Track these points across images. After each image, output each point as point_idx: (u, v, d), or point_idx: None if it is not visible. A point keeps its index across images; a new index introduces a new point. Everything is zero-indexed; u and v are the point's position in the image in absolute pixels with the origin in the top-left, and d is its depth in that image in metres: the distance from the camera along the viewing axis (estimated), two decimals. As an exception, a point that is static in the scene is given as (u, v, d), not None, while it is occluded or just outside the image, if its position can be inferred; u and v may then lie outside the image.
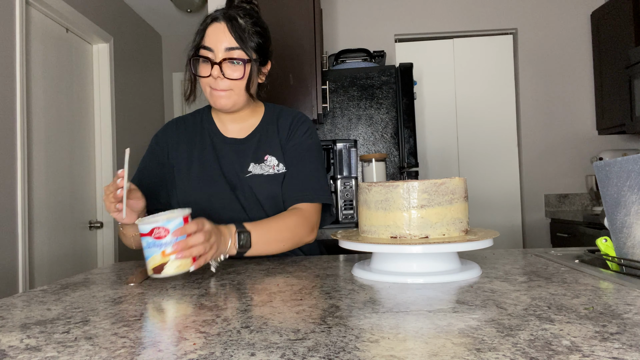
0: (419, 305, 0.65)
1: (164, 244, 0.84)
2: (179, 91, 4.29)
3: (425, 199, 0.84)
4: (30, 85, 2.37)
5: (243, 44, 1.10)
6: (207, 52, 1.11)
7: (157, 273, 0.85)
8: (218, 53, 1.10)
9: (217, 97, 1.14)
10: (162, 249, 0.84)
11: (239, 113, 1.23)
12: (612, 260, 0.90)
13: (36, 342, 0.54)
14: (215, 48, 1.10)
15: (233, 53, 1.10)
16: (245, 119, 1.25)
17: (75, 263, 2.73)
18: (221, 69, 1.10)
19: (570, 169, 3.44)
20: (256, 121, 1.26)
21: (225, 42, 1.10)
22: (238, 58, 1.10)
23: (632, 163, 0.81)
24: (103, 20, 3.04)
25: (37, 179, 2.41)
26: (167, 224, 0.84)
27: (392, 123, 2.64)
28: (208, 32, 1.11)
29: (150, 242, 0.85)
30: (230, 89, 1.13)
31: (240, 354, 0.48)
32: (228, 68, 1.11)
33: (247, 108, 1.23)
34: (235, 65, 1.11)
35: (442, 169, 3.50)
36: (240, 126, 1.25)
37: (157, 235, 0.84)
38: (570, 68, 3.46)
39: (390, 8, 3.54)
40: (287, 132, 1.23)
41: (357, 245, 0.85)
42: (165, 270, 0.84)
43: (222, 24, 1.10)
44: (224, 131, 1.25)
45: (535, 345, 0.47)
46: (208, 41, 1.11)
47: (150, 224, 0.84)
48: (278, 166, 1.20)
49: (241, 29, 1.11)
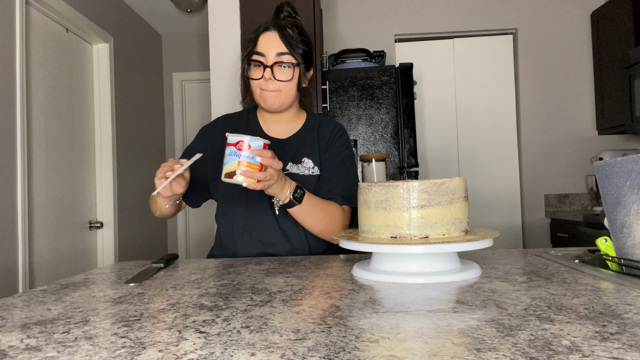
0: (419, 305, 0.65)
1: (243, 156, 1.01)
2: (179, 91, 4.29)
3: (425, 199, 0.84)
4: (30, 85, 2.37)
5: (292, 49, 1.23)
6: (259, 57, 1.23)
7: (228, 178, 1.01)
8: (269, 57, 1.22)
9: (266, 97, 1.24)
10: (239, 159, 1.01)
11: (284, 115, 1.32)
12: (612, 260, 0.90)
13: (36, 342, 0.54)
14: (267, 53, 1.22)
15: (283, 57, 1.22)
16: (288, 122, 1.34)
17: (75, 263, 2.73)
18: (272, 72, 1.21)
19: (570, 169, 3.44)
20: (298, 125, 1.35)
21: (276, 48, 1.22)
22: (287, 62, 1.22)
23: (632, 163, 0.81)
24: (103, 20, 3.04)
25: (37, 179, 2.41)
26: (252, 142, 1.01)
27: (392, 123, 2.64)
28: (261, 40, 1.24)
29: (232, 151, 1.01)
30: (279, 90, 1.24)
31: (240, 354, 0.48)
32: (278, 71, 1.22)
33: (291, 112, 1.33)
34: (285, 69, 1.23)
35: (442, 169, 3.50)
36: (283, 128, 1.34)
37: (239, 147, 1.01)
38: (570, 68, 3.47)
39: (390, 8, 3.54)
40: (327, 140, 1.33)
41: (357, 245, 0.85)
42: (236, 177, 1.01)
43: (273, 33, 1.23)
44: (267, 130, 1.34)
45: (535, 345, 0.47)
46: (260, 47, 1.23)
47: (238, 137, 1.01)
48: (313, 169, 1.30)
49: (290, 37, 1.23)
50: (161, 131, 4.18)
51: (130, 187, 3.36)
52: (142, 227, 3.58)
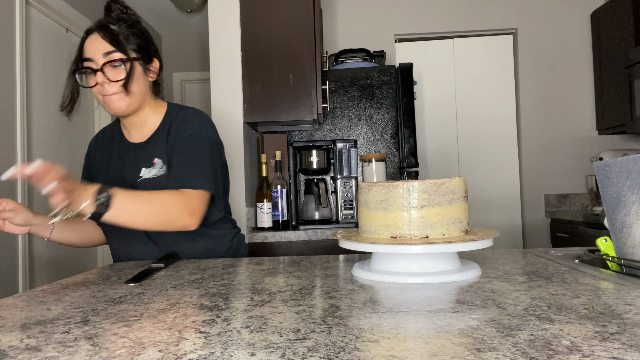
0: (419, 305, 0.65)
1: None
2: (178, 91, 4.29)
3: (426, 199, 0.84)
4: (30, 85, 2.37)
5: (118, 45, 1.14)
6: (88, 63, 1.14)
7: None
8: (98, 60, 1.14)
9: (110, 102, 1.16)
10: None
11: (138, 116, 1.24)
12: (612, 260, 0.90)
13: (36, 342, 0.54)
14: (94, 57, 1.14)
15: (112, 56, 1.14)
16: (145, 122, 1.25)
17: (75, 263, 2.73)
18: (104, 74, 1.13)
19: (570, 169, 3.44)
20: (156, 124, 1.26)
21: (102, 48, 1.14)
22: (118, 59, 1.14)
23: (632, 163, 0.81)
24: (103, 20, 3.03)
25: (37, 179, 2.40)
26: None
27: (392, 123, 2.64)
28: (86, 45, 1.15)
29: None
30: (120, 92, 1.15)
31: (240, 354, 0.48)
32: (111, 72, 1.14)
33: (144, 111, 1.24)
34: (117, 68, 1.14)
35: (442, 169, 3.50)
36: (141, 130, 1.26)
37: None
38: (570, 68, 3.46)
39: (390, 8, 3.54)
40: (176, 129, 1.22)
41: (357, 245, 0.85)
42: None
43: (96, 34, 1.15)
44: (128, 137, 1.27)
45: (535, 345, 0.47)
46: (87, 52, 1.15)
47: None
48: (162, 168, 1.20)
49: (115, 33, 1.15)
50: (161, 131, 4.18)
51: (130, 187, 3.36)
52: (142, 227, 3.58)
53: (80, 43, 1.17)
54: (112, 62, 1.13)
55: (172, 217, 1.09)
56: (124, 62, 1.14)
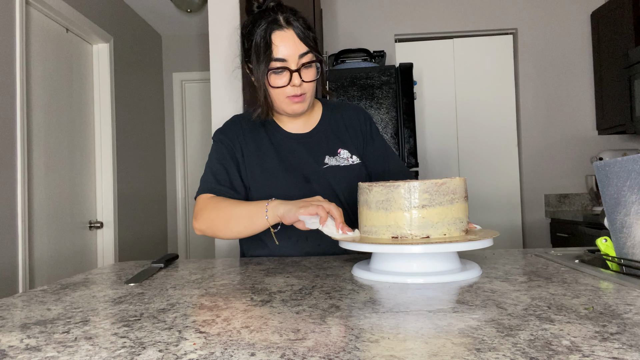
0: (419, 305, 0.65)
1: None
2: (178, 91, 4.29)
3: (427, 199, 0.84)
4: (30, 85, 2.37)
5: (312, 46, 1.12)
6: (282, 63, 1.10)
7: None
8: (294, 61, 1.10)
9: (297, 105, 1.14)
10: None
11: None
12: (612, 260, 0.90)
13: (36, 342, 0.54)
14: (290, 57, 1.10)
15: (306, 58, 1.11)
16: (307, 115, 1.26)
17: (75, 263, 2.73)
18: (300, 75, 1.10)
19: (570, 169, 3.44)
20: (317, 115, 1.28)
21: (299, 48, 1.10)
22: (312, 61, 1.12)
23: (632, 163, 0.80)
24: (103, 20, 3.03)
25: (37, 179, 2.41)
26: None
27: (392, 123, 2.64)
28: (277, 44, 1.09)
29: None
30: (305, 93, 1.14)
31: (240, 354, 0.48)
32: (304, 74, 1.12)
33: None
34: (309, 68, 1.12)
35: (442, 169, 3.50)
36: (301, 122, 1.26)
37: None
38: (570, 68, 3.46)
39: (390, 8, 3.54)
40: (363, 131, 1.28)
41: (358, 246, 0.85)
42: None
43: (288, 32, 1.10)
44: (286, 127, 1.26)
45: (535, 345, 0.47)
46: (279, 52, 1.09)
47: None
48: (352, 158, 1.24)
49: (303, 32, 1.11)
50: (161, 131, 4.18)
51: (130, 187, 3.36)
52: (142, 227, 3.58)
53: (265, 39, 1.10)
54: (306, 64, 1.11)
55: None
56: (317, 63, 1.13)
